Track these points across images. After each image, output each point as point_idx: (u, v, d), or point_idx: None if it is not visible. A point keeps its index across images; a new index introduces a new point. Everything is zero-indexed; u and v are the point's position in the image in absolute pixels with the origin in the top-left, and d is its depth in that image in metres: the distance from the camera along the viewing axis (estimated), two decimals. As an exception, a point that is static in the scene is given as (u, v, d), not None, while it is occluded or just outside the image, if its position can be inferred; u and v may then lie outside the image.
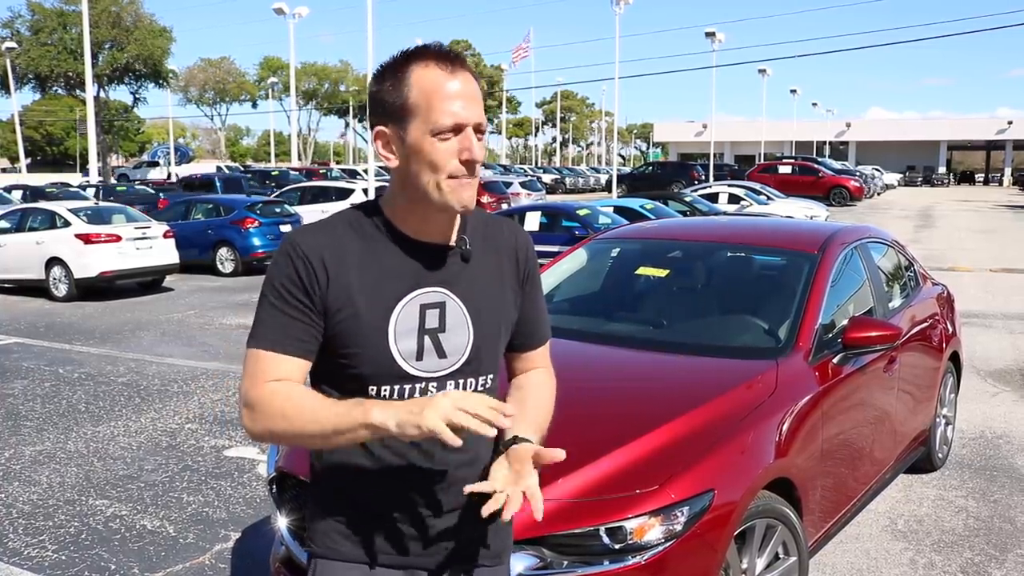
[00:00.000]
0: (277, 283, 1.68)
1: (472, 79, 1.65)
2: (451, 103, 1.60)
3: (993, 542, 4.44)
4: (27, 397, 7.49)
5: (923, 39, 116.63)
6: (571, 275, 4.93)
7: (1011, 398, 7.25)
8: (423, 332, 1.70)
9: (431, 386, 1.72)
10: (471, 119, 1.62)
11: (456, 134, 1.61)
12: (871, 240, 4.95)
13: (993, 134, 70.39)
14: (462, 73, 1.63)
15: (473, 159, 1.62)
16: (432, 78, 1.61)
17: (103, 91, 50.17)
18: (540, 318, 1.92)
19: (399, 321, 1.69)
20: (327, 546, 1.78)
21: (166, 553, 4.38)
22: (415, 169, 1.64)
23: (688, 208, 19.76)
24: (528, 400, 1.87)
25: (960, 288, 10.75)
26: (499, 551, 1.87)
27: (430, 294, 1.71)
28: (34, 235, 13.72)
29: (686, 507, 2.77)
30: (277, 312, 1.67)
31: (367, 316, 1.67)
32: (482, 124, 1.65)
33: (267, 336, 1.67)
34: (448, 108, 1.60)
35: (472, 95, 1.63)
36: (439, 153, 1.61)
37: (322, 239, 1.69)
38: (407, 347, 1.69)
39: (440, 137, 1.61)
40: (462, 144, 1.62)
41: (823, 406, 3.59)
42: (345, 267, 1.67)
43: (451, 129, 1.61)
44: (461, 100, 1.61)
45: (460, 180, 1.63)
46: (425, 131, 1.61)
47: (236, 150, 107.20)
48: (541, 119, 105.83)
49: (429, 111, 1.60)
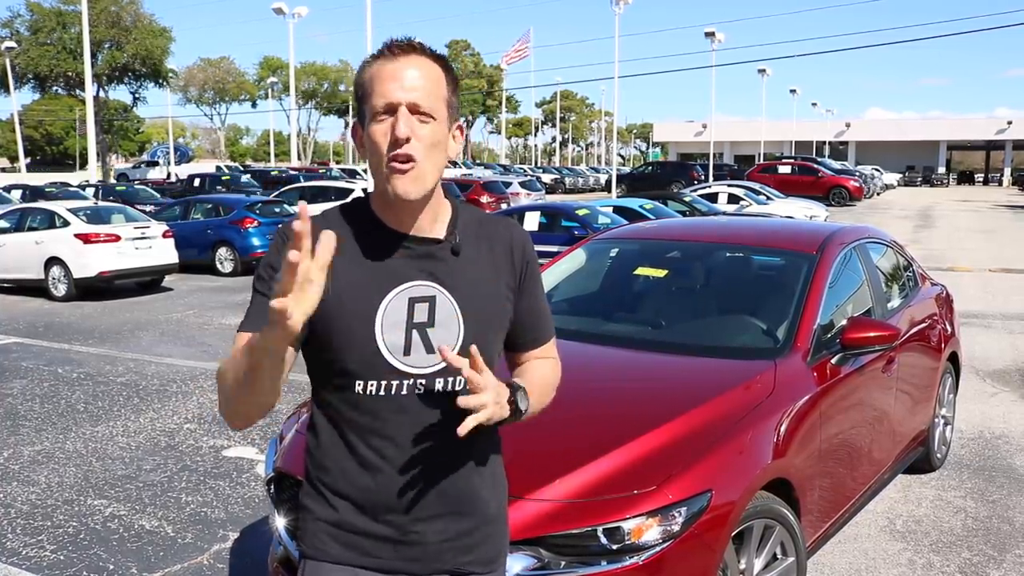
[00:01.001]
0: (263, 270, 1.69)
1: (423, 63, 1.64)
2: (385, 84, 1.61)
3: (991, 542, 4.44)
4: (26, 397, 7.49)
5: (921, 39, 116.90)
6: (570, 275, 4.93)
7: (1010, 398, 7.25)
8: (411, 326, 1.68)
9: (419, 383, 1.69)
10: (401, 98, 1.60)
11: (391, 115, 1.61)
12: (870, 240, 4.96)
13: (992, 134, 70.41)
14: (408, 57, 1.63)
15: (396, 136, 1.59)
16: (377, 66, 1.64)
17: (102, 91, 50.16)
18: (541, 315, 1.89)
19: (386, 314, 1.67)
20: (316, 547, 1.77)
21: (164, 553, 4.38)
22: (368, 158, 1.67)
23: (687, 208, 19.76)
24: (523, 369, 1.87)
25: (959, 288, 10.75)
26: (492, 557, 1.83)
27: (419, 288, 1.69)
28: (33, 235, 13.71)
29: (684, 507, 2.77)
30: (261, 297, 1.65)
31: (353, 308, 1.66)
32: (418, 105, 1.61)
33: (248, 321, 1.66)
34: (381, 89, 1.61)
35: (413, 77, 1.62)
36: (375, 135, 1.62)
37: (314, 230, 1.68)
38: (394, 341, 1.67)
39: (377, 120, 1.62)
40: (392, 123, 1.61)
41: (821, 406, 3.59)
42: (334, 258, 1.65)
43: (384, 110, 1.61)
44: (396, 82, 1.61)
45: (395, 168, 1.61)
46: (370, 118, 1.63)
47: (236, 150, 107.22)
48: (541, 119, 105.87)
49: (371, 96, 1.63)
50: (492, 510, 1.82)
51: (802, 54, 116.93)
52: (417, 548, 1.74)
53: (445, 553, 1.75)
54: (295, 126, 54.75)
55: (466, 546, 1.77)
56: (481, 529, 1.79)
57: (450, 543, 1.76)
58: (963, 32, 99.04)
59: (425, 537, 1.73)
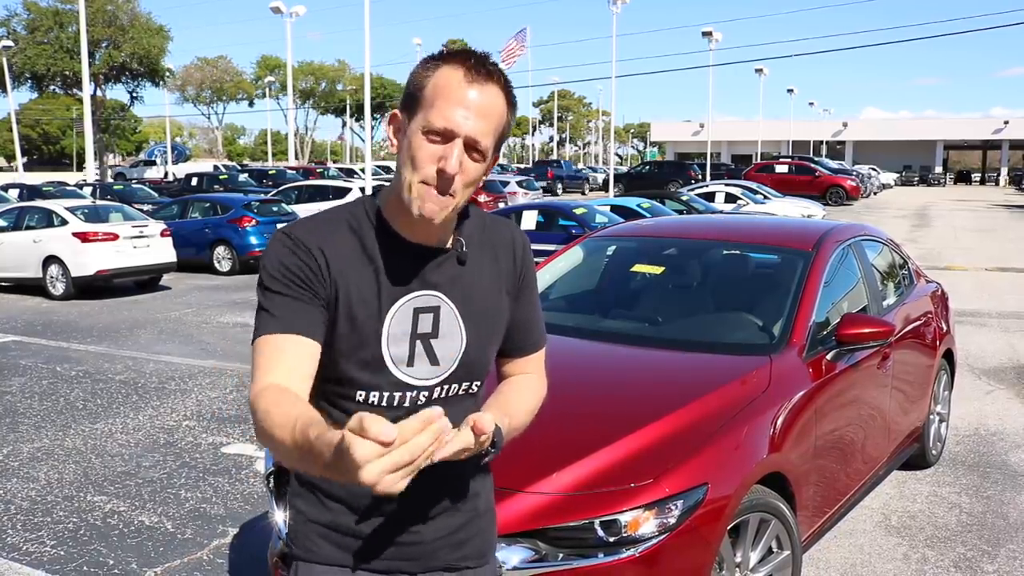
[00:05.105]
0: (277, 273, 1.60)
1: (495, 97, 1.56)
2: (452, 108, 1.52)
3: (986, 537, 4.47)
4: (25, 395, 7.50)
5: (916, 39, 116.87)
6: (567, 272, 4.95)
7: (1005, 396, 7.29)
8: (415, 337, 1.64)
9: (422, 395, 1.66)
10: (463, 130, 1.52)
11: (446, 141, 1.54)
12: (865, 238, 4.99)
13: (989, 134, 70.49)
14: (484, 86, 1.55)
15: (445, 170, 1.52)
16: (450, 79, 1.54)
17: (100, 90, 50.03)
18: (534, 323, 1.85)
19: (392, 325, 1.63)
20: (308, 548, 1.74)
21: (164, 548, 4.40)
22: (401, 160, 1.60)
23: (685, 207, 19.79)
24: (503, 391, 1.79)
25: (955, 287, 10.79)
26: (483, 550, 1.83)
27: (424, 298, 1.65)
28: (31, 233, 13.72)
29: (680, 500, 2.80)
30: (282, 299, 1.58)
31: (359, 317, 1.61)
32: (478, 142, 1.54)
33: (276, 319, 1.57)
34: (446, 111, 1.52)
35: (482, 111, 1.54)
36: (421, 151, 1.54)
37: (319, 233, 1.63)
38: (398, 352, 1.64)
39: (429, 137, 1.54)
40: (445, 152, 1.53)
41: (817, 402, 3.62)
42: (340, 264, 1.62)
43: (440, 132, 1.53)
44: (465, 110, 1.53)
45: (429, 189, 1.55)
46: (421, 126, 1.55)
47: (233, 149, 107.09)
48: (538, 118, 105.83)
49: (431, 108, 1.54)
50: (482, 505, 1.82)
51: (799, 54, 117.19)
52: (414, 548, 1.73)
53: (440, 550, 1.75)
54: (293, 125, 54.73)
55: (460, 541, 1.77)
56: (473, 523, 1.79)
57: (445, 540, 1.75)
58: (958, 32, 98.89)
59: (422, 536, 1.73)
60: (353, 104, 76.65)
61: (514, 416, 1.70)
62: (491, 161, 1.62)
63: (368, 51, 25.31)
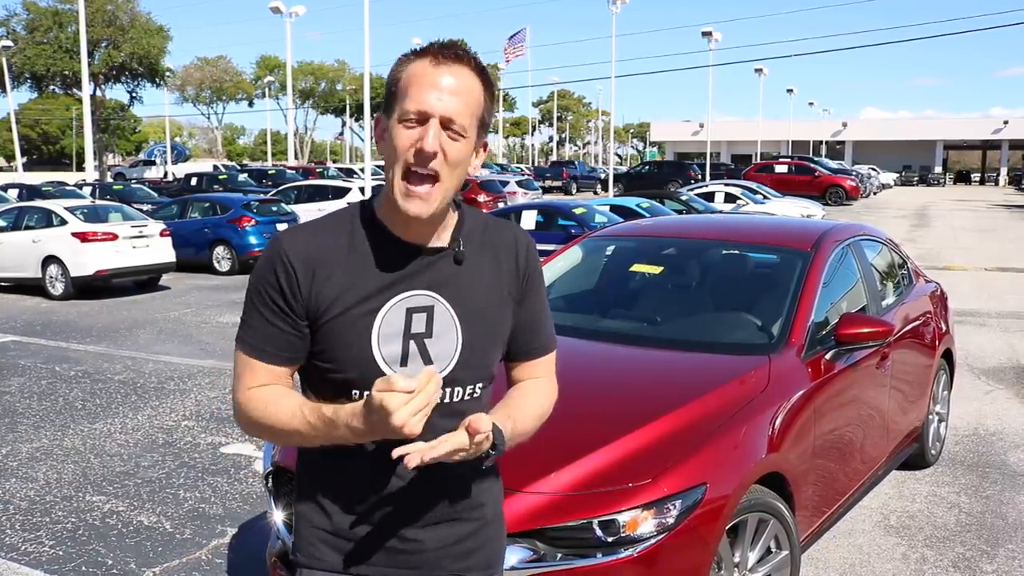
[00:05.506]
0: (260, 287, 1.66)
1: (466, 76, 1.59)
2: (424, 91, 1.56)
3: (985, 537, 4.47)
4: (24, 395, 7.50)
5: (915, 39, 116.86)
6: (566, 272, 4.95)
7: (1004, 396, 7.29)
8: (408, 336, 1.64)
9: None
10: (437, 110, 1.55)
11: (421, 123, 1.56)
12: (864, 238, 4.99)
13: (989, 134, 70.50)
14: (453, 67, 1.58)
15: (423, 148, 1.55)
16: (419, 67, 1.58)
17: (99, 90, 50.06)
18: (540, 326, 1.84)
19: (383, 324, 1.63)
20: (311, 555, 1.74)
21: (163, 548, 4.40)
22: (386, 158, 1.62)
23: (684, 207, 19.79)
24: (510, 395, 1.80)
25: (955, 287, 10.79)
26: (491, 561, 1.81)
27: (417, 297, 1.65)
28: (31, 233, 13.71)
29: (679, 500, 2.80)
30: (259, 317, 1.66)
31: (351, 318, 1.62)
32: (452, 120, 1.56)
33: (249, 341, 1.67)
34: (417, 94, 1.56)
35: (453, 89, 1.57)
36: (399, 138, 1.57)
37: (309, 241, 1.65)
38: (391, 352, 1.63)
39: (406, 124, 1.57)
40: (421, 133, 1.56)
41: (816, 402, 3.62)
42: (330, 269, 1.63)
43: (415, 116, 1.56)
44: (436, 91, 1.56)
45: (411, 191, 1.57)
46: (398, 116, 1.58)
47: (233, 149, 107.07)
48: (538, 118, 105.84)
49: (405, 98, 1.57)
50: (489, 513, 1.80)
51: (799, 54, 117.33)
52: (416, 556, 1.72)
53: (444, 560, 1.74)
54: (292, 125, 54.71)
55: (465, 551, 1.76)
56: (480, 533, 1.77)
57: (448, 549, 1.74)
58: (957, 32, 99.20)
59: (424, 544, 1.72)
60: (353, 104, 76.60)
61: (519, 420, 1.70)
62: (477, 144, 1.64)
63: (368, 51, 25.33)
